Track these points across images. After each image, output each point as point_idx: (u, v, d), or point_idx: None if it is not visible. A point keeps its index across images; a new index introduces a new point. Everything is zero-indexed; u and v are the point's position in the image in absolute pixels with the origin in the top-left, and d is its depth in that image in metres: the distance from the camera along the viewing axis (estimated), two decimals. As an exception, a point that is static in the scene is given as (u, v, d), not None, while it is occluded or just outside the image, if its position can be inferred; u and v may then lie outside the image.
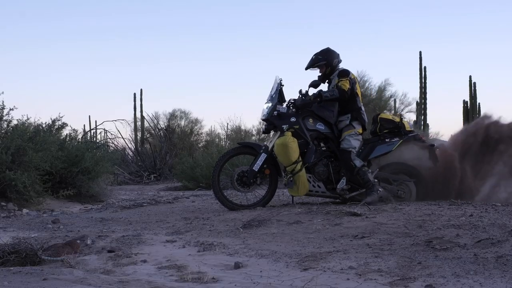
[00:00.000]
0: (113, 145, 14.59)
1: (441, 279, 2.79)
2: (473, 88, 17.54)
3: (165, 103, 48.06)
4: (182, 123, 22.42)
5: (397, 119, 6.02)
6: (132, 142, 16.79)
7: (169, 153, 15.16)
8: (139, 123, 19.58)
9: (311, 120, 5.86)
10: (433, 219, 4.31)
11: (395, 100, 19.89)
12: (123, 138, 15.88)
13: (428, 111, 17.65)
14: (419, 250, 3.40)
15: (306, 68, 6.11)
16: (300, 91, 5.95)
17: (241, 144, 6.34)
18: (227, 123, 20.76)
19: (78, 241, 4.15)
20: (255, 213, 5.26)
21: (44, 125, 8.18)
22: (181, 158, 12.04)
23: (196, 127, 22.62)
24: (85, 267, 3.48)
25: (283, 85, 5.95)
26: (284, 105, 5.90)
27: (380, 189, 5.62)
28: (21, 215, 6.48)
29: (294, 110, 5.86)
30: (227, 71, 35.94)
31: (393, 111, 19.50)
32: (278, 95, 5.87)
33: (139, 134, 19.43)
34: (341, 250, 3.57)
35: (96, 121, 19.41)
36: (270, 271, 3.19)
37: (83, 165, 8.10)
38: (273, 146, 5.78)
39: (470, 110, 17.18)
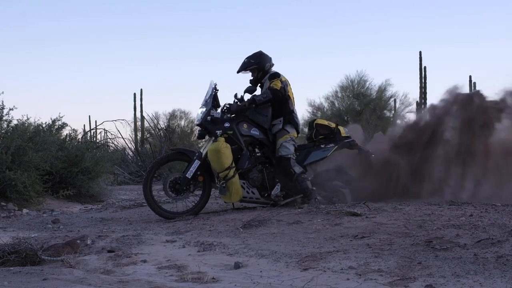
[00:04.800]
0: (113, 145, 14.54)
1: (441, 279, 2.79)
2: (473, 88, 17.51)
3: (165, 103, 48.12)
4: (182, 123, 22.44)
5: (333, 125, 5.96)
6: (132, 142, 16.73)
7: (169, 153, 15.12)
8: (139, 123, 19.55)
9: (245, 126, 5.73)
10: (433, 219, 4.31)
11: (395, 100, 19.87)
12: (123, 138, 15.78)
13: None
14: (419, 250, 3.40)
15: (238, 72, 5.98)
16: (235, 95, 5.85)
17: (174, 150, 6.11)
18: (227, 123, 20.64)
19: (78, 241, 4.16)
20: (255, 213, 5.26)
21: (44, 125, 8.18)
22: (181, 158, 12.02)
23: (196, 127, 22.61)
24: (85, 267, 3.48)
25: (217, 90, 5.78)
26: (219, 110, 5.75)
27: (318, 197, 5.54)
28: (21, 215, 6.48)
29: (228, 115, 5.72)
30: (227, 71, 35.99)
31: (393, 112, 19.49)
32: (212, 100, 5.71)
33: (139, 134, 19.40)
34: (341, 250, 3.57)
35: (96, 121, 19.44)
36: (270, 271, 3.19)
37: (83, 165, 8.10)
38: (207, 153, 5.60)
39: (470, 110, 17.10)
